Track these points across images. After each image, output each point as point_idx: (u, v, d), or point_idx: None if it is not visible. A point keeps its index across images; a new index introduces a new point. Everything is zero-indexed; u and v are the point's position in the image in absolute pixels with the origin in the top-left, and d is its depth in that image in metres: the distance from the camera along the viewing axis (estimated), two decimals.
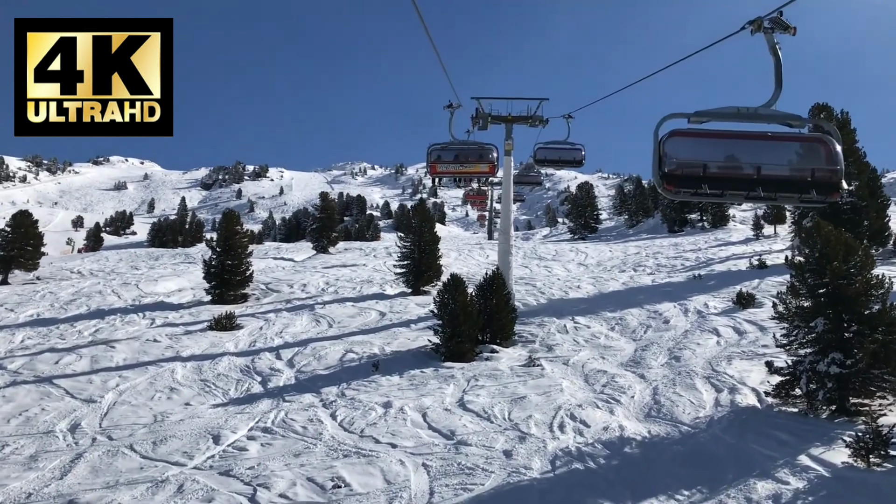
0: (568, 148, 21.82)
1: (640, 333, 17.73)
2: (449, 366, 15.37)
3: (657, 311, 19.61)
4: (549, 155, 21.77)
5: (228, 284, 24.22)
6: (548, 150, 21.81)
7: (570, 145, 21.86)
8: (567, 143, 21.91)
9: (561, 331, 18.21)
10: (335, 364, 15.99)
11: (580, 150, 21.83)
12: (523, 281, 26.22)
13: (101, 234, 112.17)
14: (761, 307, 19.01)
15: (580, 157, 21.77)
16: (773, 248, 32.21)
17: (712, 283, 23.35)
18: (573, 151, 21.80)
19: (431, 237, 24.79)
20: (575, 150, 21.81)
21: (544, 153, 21.79)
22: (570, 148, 21.83)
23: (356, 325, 19.71)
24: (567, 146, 21.84)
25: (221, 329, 18.92)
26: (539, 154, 21.88)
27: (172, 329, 19.67)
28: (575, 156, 21.79)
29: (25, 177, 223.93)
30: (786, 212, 40.45)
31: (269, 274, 30.88)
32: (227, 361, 16.41)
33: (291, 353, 16.92)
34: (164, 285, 27.87)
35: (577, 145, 21.80)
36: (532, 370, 14.96)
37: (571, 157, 21.84)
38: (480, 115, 20.94)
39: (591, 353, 16.30)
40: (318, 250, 41.71)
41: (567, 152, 21.78)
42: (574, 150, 21.81)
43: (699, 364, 14.89)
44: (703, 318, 18.57)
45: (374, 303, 22.65)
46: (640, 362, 15.40)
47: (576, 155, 21.78)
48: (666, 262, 31.07)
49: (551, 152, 21.78)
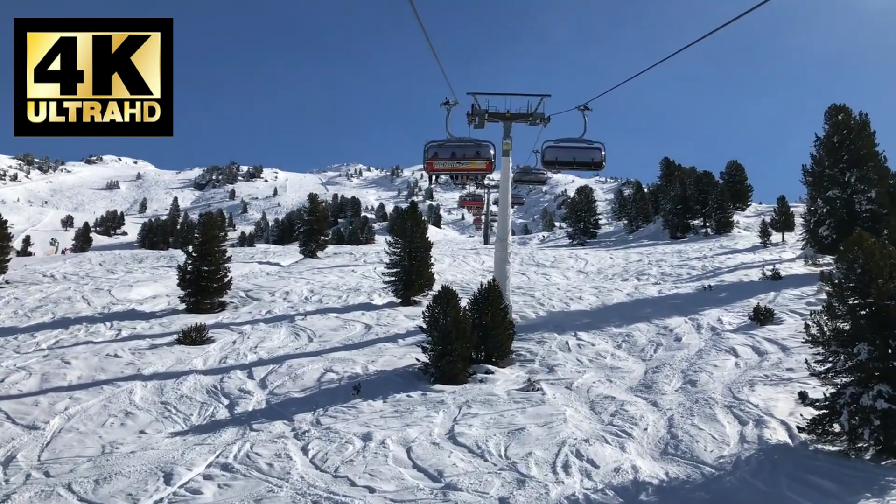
0: (584, 147, 18.08)
1: (649, 352, 16.18)
2: (439, 389, 13.78)
3: (667, 326, 18.06)
4: (561, 155, 18.01)
5: (205, 292, 22.58)
6: (559, 150, 18.03)
7: (586, 143, 18.14)
8: (583, 140, 18.25)
9: (563, 348, 16.63)
10: (312, 385, 14.39)
11: (599, 150, 17.98)
12: (521, 291, 24.64)
13: (89, 234, 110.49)
14: (780, 323, 17.49)
15: (599, 157, 18.00)
16: (783, 258, 30.72)
17: (724, 294, 21.81)
18: (590, 151, 17.99)
19: (423, 243, 23.17)
20: (593, 149, 18.03)
21: (555, 153, 18.03)
22: (587, 147, 18.09)
23: (339, 339, 18.09)
24: (583, 145, 18.11)
25: (190, 343, 17.29)
26: (549, 154, 18.11)
27: (137, 342, 18.01)
28: (593, 156, 18.01)
29: (16, 175, 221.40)
30: (794, 219, 39.06)
31: (252, 280, 29.21)
32: (192, 381, 14.80)
33: (265, 372, 15.31)
34: (139, 291, 26.20)
35: (596, 144, 18.11)
36: (532, 395, 13.38)
37: (588, 159, 18.05)
38: (476, 112, 19.35)
39: (596, 374, 14.73)
40: (306, 255, 40.00)
41: (583, 152, 18.01)
42: (592, 149, 18.03)
43: (718, 390, 13.34)
44: (718, 335, 17.02)
45: (359, 314, 21.01)
46: (651, 387, 13.85)
47: (594, 155, 17.99)
48: (671, 271, 29.54)
49: (564, 152, 17.97)
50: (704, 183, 47.57)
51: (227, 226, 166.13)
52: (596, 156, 18.14)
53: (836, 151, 24.23)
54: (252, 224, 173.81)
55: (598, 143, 18.25)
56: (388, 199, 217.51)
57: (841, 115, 24.37)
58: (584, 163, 18.24)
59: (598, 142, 18.25)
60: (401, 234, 23.03)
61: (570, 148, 18.15)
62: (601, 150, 18.17)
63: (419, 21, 9.30)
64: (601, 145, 18.24)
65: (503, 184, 20.11)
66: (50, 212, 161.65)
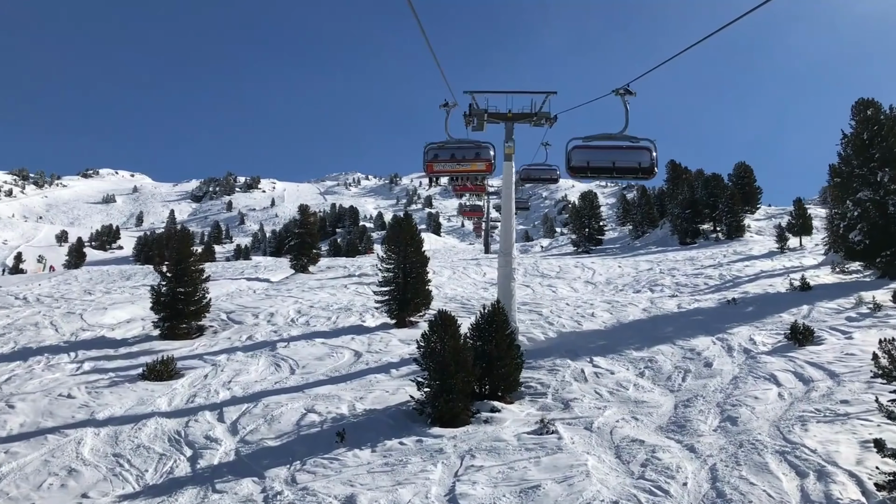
0: (627, 147, 13.95)
1: (676, 381, 14.17)
2: (437, 433, 11.78)
3: (693, 348, 16.06)
4: (595, 159, 13.84)
5: (181, 316, 20.60)
6: (593, 152, 13.85)
7: (629, 141, 13.93)
8: (624, 137, 14.01)
9: (578, 378, 14.63)
10: (290, 430, 12.39)
11: (649, 151, 13.55)
12: (527, 308, 22.63)
13: (83, 249, 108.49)
14: (822, 343, 15.48)
15: (649, 160, 13.71)
16: (805, 264, 28.77)
17: (750, 309, 19.81)
18: (636, 153, 13.72)
19: (419, 257, 21.18)
20: (639, 149, 13.79)
21: (586, 156, 13.91)
22: (631, 147, 13.95)
23: (324, 370, 16.09)
24: (625, 143, 13.96)
25: (156, 378, 15.31)
26: (577, 158, 13.86)
27: (98, 378, 16.03)
28: (640, 159, 13.79)
29: (11, 191, 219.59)
30: (812, 221, 37.16)
31: (236, 300, 27.23)
32: (153, 426, 12.83)
33: (237, 413, 13.32)
34: (113, 315, 24.25)
35: (643, 142, 13.83)
36: (546, 440, 11.37)
37: (634, 163, 13.82)
38: (475, 112, 17.52)
39: (618, 410, 12.73)
40: (297, 269, 38.01)
41: (626, 154, 13.78)
42: (637, 149, 13.80)
43: (764, 429, 11.32)
44: (753, 358, 15.01)
45: (349, 339, 18.99)
46: (684, 426, 11.83)
47: (641, 158, 13.76)
48: (686, 281, 27.57)
49: (600, 155, 13.82)
50: (713, 186, 45.68)
51: (224, 238, 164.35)
52: (644, 158, 13.52)
53: (865, 149, 22.31)
54: (249, 236, 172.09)
55: (647, 140, 13.48)
56: (387, 208, 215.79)
57: (870, 111, 22.45)
58: (629, 168, 13.76)
59: (645, 138, 13.51)
60: (394, 248, 21.02)
61: (607, 149, 13.52)
62: (651, 151, 13.55)
63: (416, 15, 8.68)
64: (651, 144, 13.53)
65: (506, 192, 18.17)
66: (45, 227, 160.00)
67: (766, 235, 44.42)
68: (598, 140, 14.18)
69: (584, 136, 14.08)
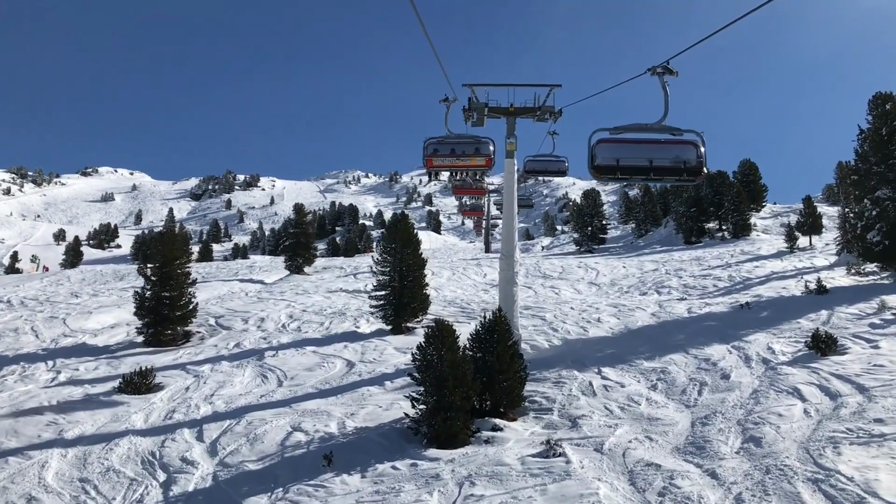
0: (674, 141, 11.21)
1: (692, 395, 13.16)
2: (433, 456, 10.77)
3: (708, 358, 15.04)
4: (654, 158, 10.99)
5: (166, 321, 19.59)
6: (626, 146, 11.16)
7: (674, 134, 11.23)
8: (669, 129, 11.24)
9: (586, 391, 13.61)
10: (274, 451, 11.39)
11: (694, 145, 10.95)
12: (529, 312, 21.59)
13: (80, 248, 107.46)
14: (846, 353, 14.46)
15: (694, 157, 11.02)
16: (817, 265, 27.74)
17: (765, 314, 18.80)
18: (683, 148, 11.04)
19: (416, 260, 20.13)
20: (683, 143, 11.13)
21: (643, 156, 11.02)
22: (676, 141, 11.21)
23: (314, 381, 15.07)
24: (670, 138, 11.22)
25: (133, 391, 14.30)
26: (601, 155, 11.14)
27: (71, 390, 15.04)
28: (686, 157, 11.14)
29: (9, 189, 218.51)
30: (821, 221, 36.12)
31: (227, 303, 26.21)
32: (126, 446, 11.84)
33: (218, 431, 12.32)
34: (98, 319, 23.25)
35: (688, 135, 11.21)
36: (552, 463, 10.35)
37: (678, 160, 11.14)
38: (474, 106, 16.59)
39: (631, 429, 11.71)
40: (292, 270, 36.95)
41: (672, 150, 11.08)
42: (683, 143, 11.12)
43: (792, 452, 10.30)
44: (773, 370, 13.99)
45: (341, 347, 17.97)
46: (703, 447, 10.81)
47: (687, 155, 11.09)
48: (694, 283, 26.57)
49: (637, 150, 11.08)
50: (719, 183, 44.65)
51: (223, 236, 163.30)
52: (689, 154, 10.92)
53: (884, 146, 21.25)
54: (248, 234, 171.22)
55: (692, 131, 11.00)
56: (387, 206, 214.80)
57: (889, 105, 21.39)
58: (670, 168, 11.05)
59: (690, 130, 11.04)
60: (390, 250, 19.98)
61: (642, 143, 10.86)
62: (698, 146, 10.98)
63: (414, 9, 8.42)
64: (698, 137, 11.01)
65: (507, 191, 17.17)
66: (42, 226, 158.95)
67: (774, 234, 43.41)
68: (629, 132, 11.26)
69: (611, 128, 11.13)
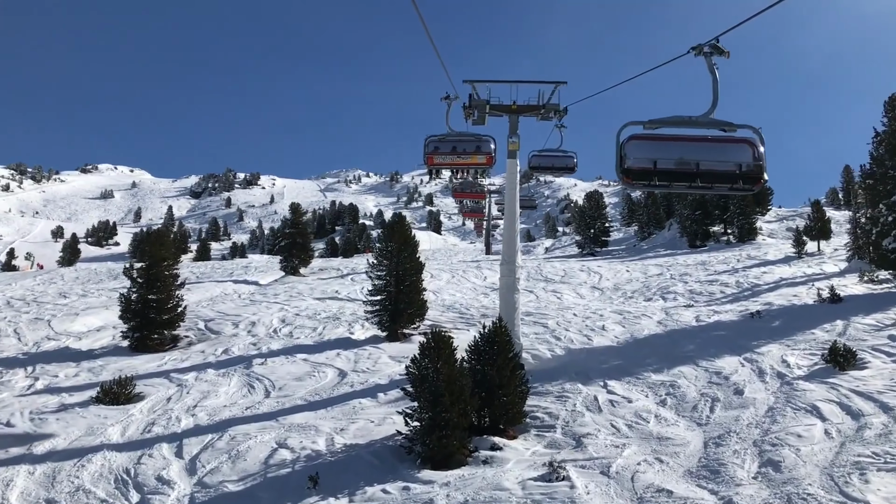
0: (725, 139, 9.31)
1: (703, 412, 12.37)
2: (427, 478, 9.99)
3: (719, 371, 14.25)
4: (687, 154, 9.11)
5: (152, 325, 18.82)
6: (666, 145, 9.23)
7: (725, 130, 9.24)
8: (719, 123, 9.22)
9: (591, 407, 12.82)
10: (257, 470, 10.61)
11: (751, 145, 8.92)
12: (531, 318, 20.80)
13: (77, 245, 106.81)
14: (866, 368, 13.67)
15: (748, 158, 8.96)
16: (827, 271, 26.97)
17: (777, 323, 18.02)
18: (737, 148, 9.05)
19: (413, 264, 19.34)
20: (737, 142, 9.21)
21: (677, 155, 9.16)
22: (728, 139, 9.30)
23: (303, 392, 14.28)
24: (720, 135, 9.30)
25: (112, 401, 13.52)
26: (634, 156, 9.13)
27: (48, 398, 14.27)
28: (741, 159, 9.17)
29: (8, 185, 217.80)
30: (830, 226, 35.33)
31: (218, 305, 25.41)
32: (99, 462, 11.06)
33: (198, 446, 11.54)
34: (85, 321, 22.48)
35: (744, 131, 9.22)
36: (556, 488, 9.56)
37: (731, 163, 9.15)
38: (475, 103, 15.90)
39: (639, 449, 10.92)
40: (287, 272, 36.14)
41: (723, 150, 9.11)
42: (736, 142, 9.21)
43: (814, 478, 9.51)
44: (789, 385, 13.20)
45: (334, 354, 17.17)
46: (718, 471, 10.02)
47: (742, 157, 9.12)
48: (700, 289, 25.79)
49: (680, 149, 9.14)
50: None
51: (222, 235, 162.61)
52: (745, 156, 9.01)
53: None
54: (248, 232, 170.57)
55: (747, 126, 9.05)
56: (388, 206, 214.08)
57: None
58: (721, 174, 9.03)
59: (745, 125, 9.07)
60: (386, 254, 19.17)
61: (686, 141, 8.88)
62: (755, 145, 9.00)
63: (416, 8, 8.34)
64: (755, 134, 9.03)
65: (509, 193, 16.41)
66: (41, 223, 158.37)
67: (779, 238, 42.65)
68: (669, 126, 9.14)
69: (646, 121, 9.07)
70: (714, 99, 9.12)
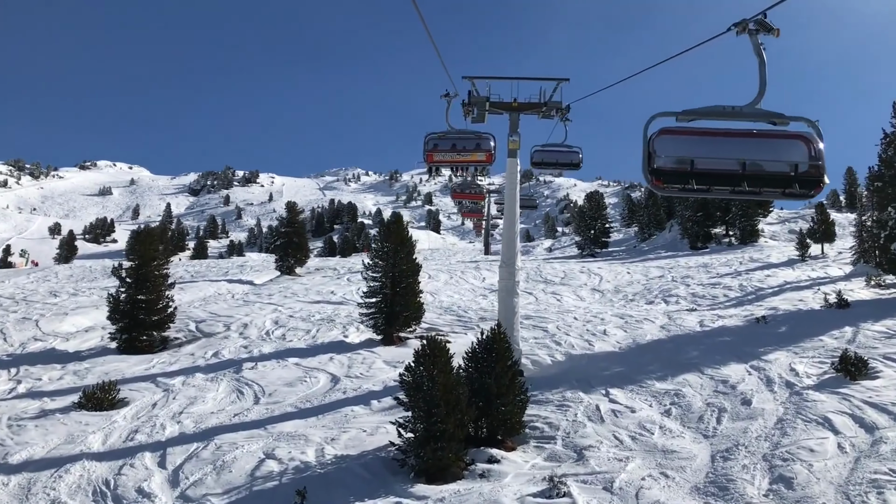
0: (775, 134, 7.69)
1: (710, 423, 11.88)
2: (420, 493, 9.50)
3: (725, 379, 13.76)
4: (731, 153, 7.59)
5: (141, 326, 18.32)
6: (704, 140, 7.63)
7: (775, 122, 7.73)
8: (767, 115, 7.67)
9: (593, 416, 12.33)
10: (242, 482, 10.10)
11: (807, 141, 7.23)
12: (530, 322, 20.30)
13: (74, 242, 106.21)
14: (878, 377, 13.17)
15: (815, 160, 7.27)
16: (832, 274, 26.47)
17: (784, 329, 17.53)
18: (790, 145, 7.39)
19: (410, 265, 18.82)
20: (790, 137, 7.58)
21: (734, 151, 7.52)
22: (779, 134, 7.67)
23: (294, 399, 13.77)
24: (770, 129, 7.73)
25: (95, 407, 13.01)
26: (666, 153, 7.53)
27: (28, 403, 13.75)
28: (796, 158, 7.57)
29: (6, 181, 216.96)
30: (834, 228, 34.84)
31: (210, 306, 24.89)
32: (78, 473, 10.55)
33: (182, 456, 11.03)
34: (73, 321, 21.97)
35: (797, 124, 7.64)
36: None
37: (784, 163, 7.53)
38: (475, 100, 15.48)
39: (644, 463, 10.43)
40: (283, 272, 35.61)
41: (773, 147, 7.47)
42: (789, 137, 7.56)
43: (829, 496, 9.02)
44: (799, 395, 12.71)
45: (327, 359, 16.66)
46: (726, 487, 9.53)
47: (796, 156, 7.50)
48: (703, 292, 25.31)
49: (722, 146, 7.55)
50: None
51: (220, 232, 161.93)
52: (799, 154, 7.33)
53: None
54: (246, 230, 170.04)
55: (801, 118, 7.58)
56: (387, 205, 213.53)
57: None
58: (772, 176, 7.38)
59: (799, 117, 7.63)
60: (382, 254, 18.66)
61: (728, 135, 7.40)
62: (811, 141, 7.37)
63: (416, 6, 8.27)
64: (811, 128, 7.48)
65: (509, 193, 15.93)
66: (38, 219, 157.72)
67: (782, 241, 42.20)
68: (706, 118, 7.72)
69: (679, 112, 7.68)
70: (761, 86, 7.69)
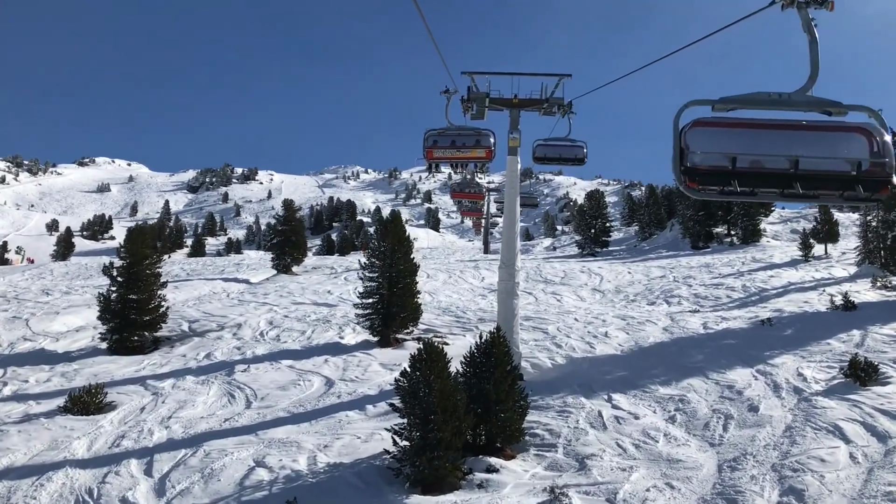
0: (829, 126, 6.41)
1: (716, 430, 11.48)
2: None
3: (731, 385, 13.36)
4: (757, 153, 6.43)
5: (133, 326, 17.91)
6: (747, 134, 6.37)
7: (830, 112, 6.54)
8: (820, 104, 6.47)
9: (595, 423, 11.93)
10: (230, 492, 9.70)
11: (867, 134, 6.03)
12: (530, 323, 19.90)
13: (72, 239, 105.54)
14: (889, 383, 12.78)
15: (879, 157, 6.08)
16: (836, 275, 26.08)
17: (790, 332, 17.14)
18: (847, 138, 6.19)
19: (407, 265, 18.41)
20: (846, 129, 6.37)
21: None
22: (833, 126, 6.43)
23: (286, 403, 13.37)
24: (821, 121, 6.44)
25: (81, 412, 12.61)
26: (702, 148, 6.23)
27: (13, 407, 13.35)
28: (857, 154, 6.34)
29: (4, 178, 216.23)
30: (837, 228, 34.45)
31: (204, 305, 24.47)
32: (60, 481, 10.14)
33: (170, 463, 10.63)
34: (65, 321, 21.57)
35: (854, 114, 6.46)
36: None
37: (841, 161, 6.24)
38: (474, 96, 15.12)
39: (648, 472, 10.04)
40: (279, 270, 35.19)
41: (827, 141, 6.18)
42: (845, 129, 6.37)
43: None
44: (807, 401, 12.31)
45: (321, 361, 16.26)
46: (734, 499, 9.15)
47: (856, 152, 6.22)
48: (705, 292, 24.93)
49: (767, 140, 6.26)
50: None
51: (219, 230, 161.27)
52: (860, 149, 6.14)
53: None
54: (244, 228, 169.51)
55: (860, 107, 6.46)
56: (386, 202, 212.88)
57: None
58: (828, 176, 6.23)
59: (857, 105, 6.48)
60: (378, 254, 18.25)
61: (775, 128, 6.13)
62: (874, 135, 6.15)
63: (416, 4, 8.14)
64: (873, 119, 6.27)
65: (510, 192, 15.54)
66: (36, 216, 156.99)
67: (784, 241, 41.82)
68: (748, 107, 6.54)
69: (716, 100, 6.47)
70: (813, 70, 6.45)
